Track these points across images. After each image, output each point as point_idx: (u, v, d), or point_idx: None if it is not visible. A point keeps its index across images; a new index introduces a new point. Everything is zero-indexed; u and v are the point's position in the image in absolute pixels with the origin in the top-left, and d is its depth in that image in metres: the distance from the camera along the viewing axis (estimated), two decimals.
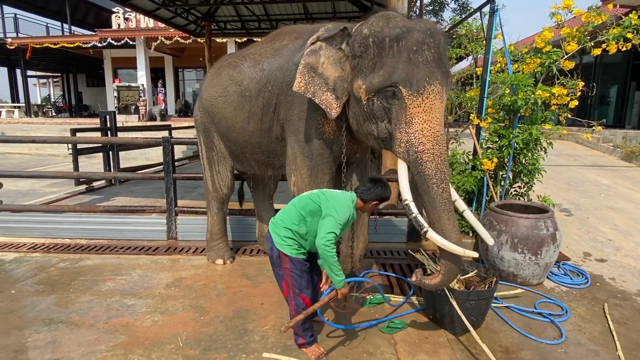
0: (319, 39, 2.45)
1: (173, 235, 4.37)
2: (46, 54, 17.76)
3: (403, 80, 2.19)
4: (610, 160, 8.94)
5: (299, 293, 2.34)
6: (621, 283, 3.42)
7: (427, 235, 2.26)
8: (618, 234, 4.52)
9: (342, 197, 2.35)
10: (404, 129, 2.25)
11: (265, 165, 3.32)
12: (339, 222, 2.19)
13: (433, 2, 10.82)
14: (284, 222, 2.35)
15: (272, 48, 3.04)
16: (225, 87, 3.24)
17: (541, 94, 3.41)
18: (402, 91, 2.20)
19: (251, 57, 3.17)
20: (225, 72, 3.30)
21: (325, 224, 2.19)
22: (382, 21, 2.32)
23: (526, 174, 3.77)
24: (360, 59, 2.35)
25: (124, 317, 2.82)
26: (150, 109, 15.61)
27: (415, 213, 2.28)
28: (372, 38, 2.29)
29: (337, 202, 2.29)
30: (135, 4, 8.37)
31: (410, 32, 2.23)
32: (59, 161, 10.70)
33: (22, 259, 3.86)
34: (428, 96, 2.19)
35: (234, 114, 3.19)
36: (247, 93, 3.06)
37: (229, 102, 3.21)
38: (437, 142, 2.23)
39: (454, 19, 7.93)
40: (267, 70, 2.96)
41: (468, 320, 2.41)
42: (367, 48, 2.31)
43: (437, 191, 2.23)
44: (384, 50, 2.26)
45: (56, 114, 21.60)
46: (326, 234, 2.16)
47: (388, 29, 2.27)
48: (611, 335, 2.63)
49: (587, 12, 3.53)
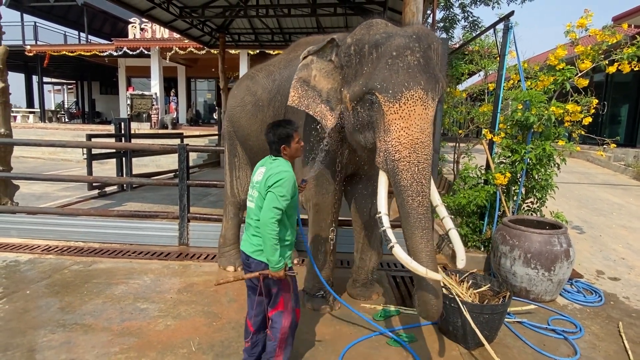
0: (310, 53, 2.47)
1: (185, 241, 4.41)
2: (63, 61, 18.17)
3: (379, 87, 2.12)
4: (621, 179, 8.86)
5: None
6: (635, 302, 3.37)
7: (393, 251, 2.08)
8: (631, 253, 4.46)
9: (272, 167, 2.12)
10: (383, 137, 2.16)
11: None
12: (279, 194, 1.98)
13: (444, 19, 10.96)
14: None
15: (286, 60, 3.14)
16: (243, 98, 3.38)
17: (555, 111, 3.43)
18: (378, 98, 2.13)
19: (266, 68, 3.29)
20: (244, 84, 3.44)
21: (267, 200, 2.00)
22: (364, 29, 2.31)
23: (539, 190, 3.77)
24: (346, 68, 2.36)
25: (137, 320, 2.85)
26: (162, 118, 15.84)
27: (385, 227, 2.14)
28: (354, 46, 2.29)
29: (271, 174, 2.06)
30: (153, 15, 8.60)
31: (390, 37, 2.18)
32: (72, 166, 10.86)
33: (37, 260, 3.92)
34: (406, 102, 2.08)
35: (250, 122, 3.30)
36: (260, 103, 3.17)
37: (245, 111, 3.33)
38: (415, 150, 2.07)
39: (465, 36, 8.02)
40: (277, 81, 3.05)
41: (481, 334, 2.40)
42: (350, 57, 2.31)
43: (412, 205, 2.07)
44: (363, 58, 2.23)
45: (69, 120, 21.98)
46: (269, 210, 1.97)
47: (368, 36, 2.24)
48: (626, 354, 2.59)
49: (601, 31, 3.57)
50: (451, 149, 6.55)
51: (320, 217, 2.91)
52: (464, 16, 11.27)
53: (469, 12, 11.27)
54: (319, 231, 2.94)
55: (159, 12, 8.44)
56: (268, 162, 2.18)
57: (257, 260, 2.11)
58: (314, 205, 2.90)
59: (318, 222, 2.93)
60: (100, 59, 17.30)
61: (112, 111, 20.22)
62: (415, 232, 2.06)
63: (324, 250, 2.95)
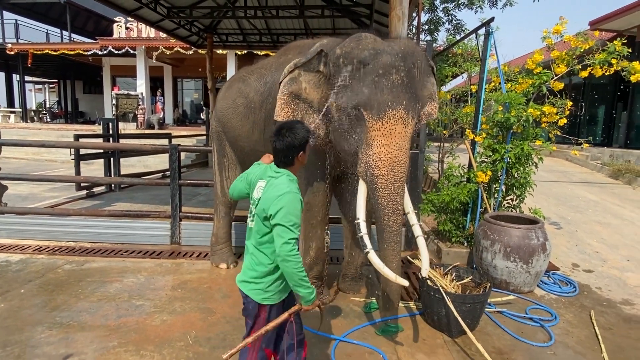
0: (297, 66, 2.52)
1: (177, 240, 4.48)
2: (45, 60, 17.83)
3: (365, 104, 2.25)
4: (598, 177, 9.23)
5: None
6: (607, 292, 3.59)
7: (368, 256, 2.36)
8: (605, 247, 4.71)
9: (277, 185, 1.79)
10: (364, 150, 2.33)
11: None
12: (289, 224, 1.69)
13: (429, 22, 11.22)
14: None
15: (277, 62, 3.23)
16: (234, 99, 3.46)
17: (532, 112, 3.63)
18: (364, 114, 2.28)
19: (258, 71, 3.38)
20: (235, 86, 3.52)
21: (278, 234, 1.70)
22: (353, 42, 2.40)
23: (518, 187, 3.97)
24: (333, 78, 2.45)
25: (133, 316, 2.92)
26: (149, 118, 15.72)
27: (362, 233, 2.37)
28: (342, 59, 2.38)
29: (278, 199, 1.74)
30: (140, 15, 8.57)
31: (378, 55, 2.29)
32: (57, 167, 10.72)
33: (28, 260, 3.93)
34: (388, 121, 2.25)
35: (241, 123, 3.39)
36: (252, 105, 3.27)
37: (237, 112, 3.42)
38: (393, 168, 2.26)
39: (449, 39, 8.24)
40: (269, 84, 3.14)
41: (464, 322, 2.56)
42: (339, 68, 2.40)
43: (388, 223, 2.34)
44: (351, 72, 2.33)
45: (51, 119, 21.56)
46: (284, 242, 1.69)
47: (357, 51, 2.33)
48: (597, 340, 2.79)
49: (575, 38, 3.78)
50: (436, 149, 6.76)
51: (310, 215, 3.03)
52: (448, 19, 11.55)
53: (453, 15, 11.57)
54: (310, 229, 3.06)
55: (146, 12, 8.41)
56: (269, 175, 1.85)
57: (255, 301, 1.82)
58: (304, 204, 3.01)
59: (309, 220, 3.05)
60: (84, 58, 17.05)
61: (97, 111, 19.95)
62: (388, 246, 2.40)
63: (315, 247, 3.08)
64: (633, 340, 2.83)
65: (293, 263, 1.68)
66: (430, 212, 4.14)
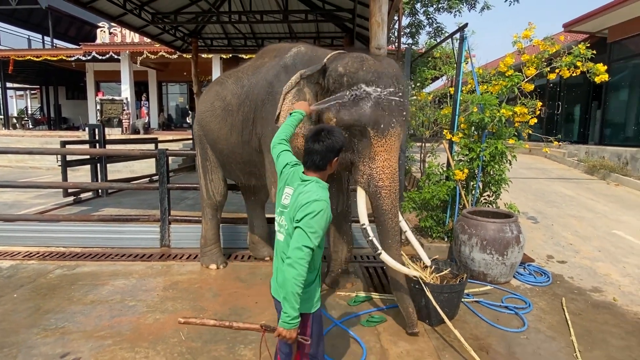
0: (302, 77, 2.64)
1: (166, 243, 4.56)
2: (27, 66, 17.58)
3: (372, 123, 2.46)
4: (574, 173, 9.59)
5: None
6: (578, 281, 3.82)
7: (381, 257, 2.60)
8: (578, 239, 4.97)
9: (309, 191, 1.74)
10: (367, 164, 2.55)
11: (249, 175, 3.60)
12: (310, 231, 1.65)
13: (410, 25, 11.49)
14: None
15: (254, 66, 3.36)
16: (212, 102, 3.56)
17: (505, 112, 3.84)
18: (369, 132, 2.48)
19: (235, 74, 3.50)
20: (213, 89, 3.63)
21: (296, 236, 1.68)
22: (357, 63, 2.54)
23: (494, 184, 4.17)
24: (332, 93, 2.57)
25: (127, 316, 3.01)
26: (134, 123, 15.66)
27: (371, 237, 2.59)
28: (347, 78, 2.52)
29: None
30: (124, 21, 8.61)
31: (380, 77, 2.51)
32: (42, 174, 10.63)
33: (19, 266, 3.98)
34: (390, 138, 2.50)
35: (219, 126, 3.49)
36: (229, 107, 3.36)
37: (215, 115, 3.51)
38: (394, 179, 2.58)
39: (429, 43, 8.49)
40: (246, 87, 3.25)
41: (442, 311, 2.73)
42: (341, 85, 2.53)
43: (392, 225, 2.61)
44: (355, 91, 2.48)
45: (34, 126, 21.24)
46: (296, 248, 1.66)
47: (362, 72, 2.50)
48: (567, 325, 2.99)
49: (543, 42, 4.01)
50: (419, 149, 6.97)
51: None
52: (428, 22, 11.84)
53: (433, 18, 11.86)
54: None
55: (130, 18, 8.46)
56: (297, 181, 1.80)
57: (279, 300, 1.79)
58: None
59: None
60: (67, 64, 16.89)
61: (80, 117, 19.73)
62: (392, 245, 2.65)
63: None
64: (599, 324, 3.04)
65: (297, 272, 1.61)
66: (412, 209, 4.32)
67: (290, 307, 1.62)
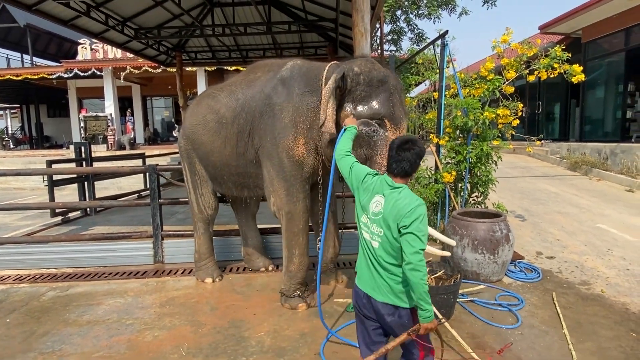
0: (336, 82, 2.73)
1: (160, 259, 4.53)
2: (6, 85, 17.32)
3: (389, 115, 2.73)
4: (558, 170, 9.85)
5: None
6: (567, 275, 3.93)
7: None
8: (565, 234, 5.11)
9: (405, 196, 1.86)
10: (385, 156, 2.63)
11: (242, 187, 3.63)
12: (421, 234, 1.77)
13: (392, 31, 11.71)
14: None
15: (247, 80, 3.42)
16: (205, 115, 3.57)
17: (488, 115, 3.96)
18: (387, 123, 2.74)
19: (228, 88, 3.53)
20: (204, 102, 3.64)
21: (409, 242, 1.77)
22: (369, 64, 2.84)
23: (481, 185, 4.28)
24: (349, 92, 2.80)
25: (124, 334, 2.99)
26: (119, 138, 15.51)
27: None
28: (363, 76, 2.78)
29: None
30: (106, 37, 8.58)
31: (388, 77, 2.81)
32: (27, 194, 10.44)
33: (10, 290, 3.91)
34: (402, 129, 2.78)
35: (212, 139, 3.51)
36: (223, 120, 3.40)
37: (208, 128, 3.52)
38: None
39: (411, 49, 8.66)
40: (241, 100, 3.31)
41: (439, 312, 2.78)
42: (358, 84, 2.78)
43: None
44: (372, 88, 2.76)
45: (15, 146, 20.86)
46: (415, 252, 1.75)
47: (375, 72, 2.80)
48: (558, 318, 3.08)
49: (521, 45, 4.16)
50: None
51: (293, 224, 3.21)
52: (410, 29, 12.09)
53: (414, 25, 12.12)
54: (292, 237, 3.24)
55: (113, 34, 8.43)
56: (386, 189, 1.90)
57: (408, 307, 1.88)
58: (286, 214, 3.20)
59: (291, 229, 3.22)
60: (48, 82, 16.66)
61: (63, 135, 19.45)
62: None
63: (298, 254, 3.26)
64: (589, 315, 3.14)
65: (422, 274, 1.72)
66: None
67: (426, 304, 1.77)
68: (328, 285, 3.71)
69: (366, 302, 1.96)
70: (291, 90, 3.03)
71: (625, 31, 9.38)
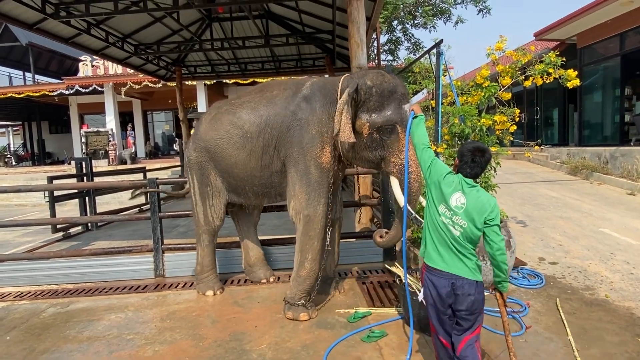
0: (350, 95, 3.06)
1: (160, 272, 4.52)
2: (8, 103, 17.51)
3: (400, 121, 3.03)
4: (558, 175, 9.83)
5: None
6: (570, 280, 3.90)
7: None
8: (567, 239, 5.08)
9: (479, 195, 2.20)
10: (397, 155, 3.08)
11: (263, 196, 3.77)
12: (499, 227, 2.17)
13: (388, 41, 11.84)
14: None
15: (266, 97, 3.58)
16: (228, 130, 3.63)
17: (485, 122, 3.98)
18: (398, 128, 3.04)
19: (247, 105, 3.63)
20: (225, 118, 3.68)
21: (493, 234, 2.15)
22: (379, 77, 3.13)
23: None
24: (363, 103, 3.09)
25: (125, 350, 2.97)
26: (120, 153, 15.60)
27: (414, 214, 3.00)
28: (375, 88, 3.07)
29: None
30: (107, 54, 8.71)
31: (397, 86, 3.11)
32: (28, 211, 10.46)
33: (10, 307, 3.90)
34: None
35: (236, 152, 3.59)
36: (248, 135, 3.53)
37: (232, 142, 3.60)
38: (417, 165, 2.92)
39: (408, 59, 8.75)
40: (265, 116, 3.48)
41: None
42: (371, 95, 3.07)
43: (414, 203, 3.11)
44: (384, 98, 3.06)
45: (17, 163, 20.97)
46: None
47: (386, 83, 3.09)
48: (563, 324, 3.05)
49: (515, 52, 4.20)
50: None
51: (309, 227, 3.27)
52: (406, 38, 12.21)
53: (411, 34, 12.25)
54: (307, 240, 3.28)
55: (113, 51, 8.56)
56: (465, 187, 2.21)
57: (473, 280, 2.19)
58: (304, 217, 3.28)
59: (307, 232, 3.28)
60: (49, 99, 16.85)
61: (65, 151, 19.58)
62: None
63: (310, 259, 3.29)
64: (594, 321, 3.10)
65: (506, 256, 2.16)
66: None
67: (507, 280, 2.25)
68: (329, 294, 3.71)
69: (450, 289, 2.19)
70: (314, 105, 3.32)
71: (620, 36, 9.45)
